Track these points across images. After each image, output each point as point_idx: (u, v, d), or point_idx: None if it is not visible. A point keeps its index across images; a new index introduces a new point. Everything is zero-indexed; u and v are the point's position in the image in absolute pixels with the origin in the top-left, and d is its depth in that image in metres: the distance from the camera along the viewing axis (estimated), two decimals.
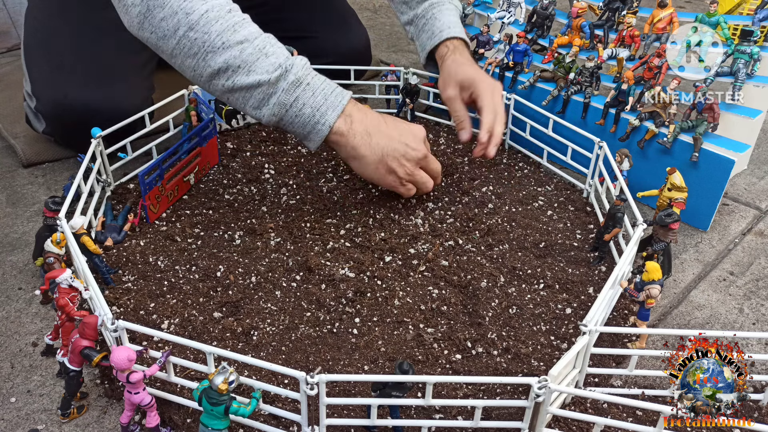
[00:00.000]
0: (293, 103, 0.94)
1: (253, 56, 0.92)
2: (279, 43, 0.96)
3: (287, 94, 0.93)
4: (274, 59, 0.93)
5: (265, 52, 0.92)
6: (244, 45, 0.91)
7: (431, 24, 1.19)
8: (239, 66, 0.92)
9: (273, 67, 0.92)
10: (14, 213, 1.15)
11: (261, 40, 0.93)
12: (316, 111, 0.95)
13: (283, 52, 0.95)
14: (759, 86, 1.11)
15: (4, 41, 1.88)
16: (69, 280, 0.78)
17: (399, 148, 1.01)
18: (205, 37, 0.91)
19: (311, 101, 0.94)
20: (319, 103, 0.95)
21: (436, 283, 0.96)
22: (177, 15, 0.90)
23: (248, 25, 0.94)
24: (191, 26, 0.91)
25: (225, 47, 0.91)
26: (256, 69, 0.92)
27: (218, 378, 0.68)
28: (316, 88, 0.95)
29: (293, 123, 0.97)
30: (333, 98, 0.96)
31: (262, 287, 0.95)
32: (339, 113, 0.96)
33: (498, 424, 0.73)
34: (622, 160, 1.07)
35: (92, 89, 1.18)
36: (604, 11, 1.30)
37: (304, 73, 0.94)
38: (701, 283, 1.02)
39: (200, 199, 1.15)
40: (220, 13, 0.91)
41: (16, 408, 0.80)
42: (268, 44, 0.94)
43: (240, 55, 0.91)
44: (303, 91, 0.94)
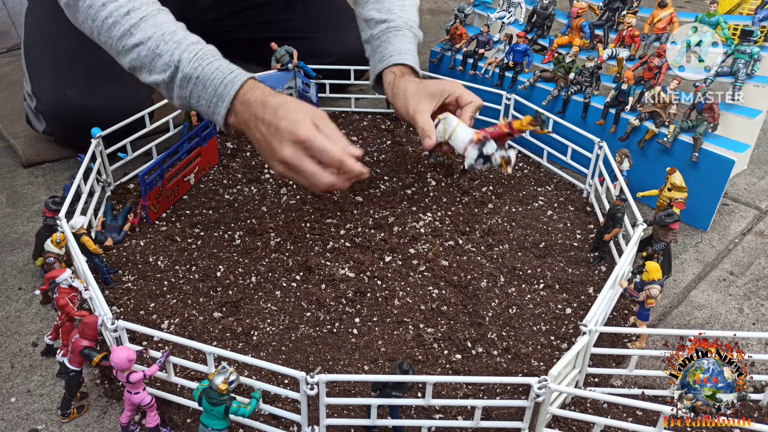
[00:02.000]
0: (190, 97, 0.97)
1: (149, 58, 0.96)
2: (175, 37, 0.96)
3: (182, 90, 0.96)
4: (167, 58, 0.95)
5: (158, 53, 0.95)
6: (139, 48, 0.96)
7: (383, 47, 1.18)
8: (141, 67, 0.98)
9: (165, 66, 0.96)
10: (14, 213, 1.15)
11: (154, 40, 0.96)
12: (209, 103, 0.96)
13: (176, 48, 0.95)
14: (759, 86, 1.11)
15: (4, 41, 1.88)
16: (69, 280, 0.78)
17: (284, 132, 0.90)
18: (110, 41, 0.98)
19: (204, 94, 0.95)
20: (210, 96, 0.95)
21: (436, 283, 0.96)
22: (87, 20, 0.99)
23: (144, 25, 0.96)
24: (99, 31, 0.98)
25: (126, 50, 0.97)
26: (154, 69, 0.96)
27: (218, 378, 0.68)
28: (207, 80, 0.95)
29: (201, 112, 0.99)
30: (222, 89, 0.95)
31: (262, 287, 0.95)
32: (228, 104, 0.95)
33: (498, 424, 0.73)
34: (622, 160, 1.07)
35: (92, 89, 1.18)
36: (604, 11, 1.30)
37: (191, 68, 0.95)
38: (701, 283, 1.02)
39: (200, 199, 1.15)
40: (117, 18, 0.96)
41: (16, 408, 0.80)
42: (162, 42, 0.96)
43: (138, 57, 0.97)
44: (194, 86, 0.95)
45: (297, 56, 1.34)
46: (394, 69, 1.14)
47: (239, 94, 0.93)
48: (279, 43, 1.35)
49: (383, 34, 1.18)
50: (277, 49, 1.35)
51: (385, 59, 1.16)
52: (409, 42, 1.18)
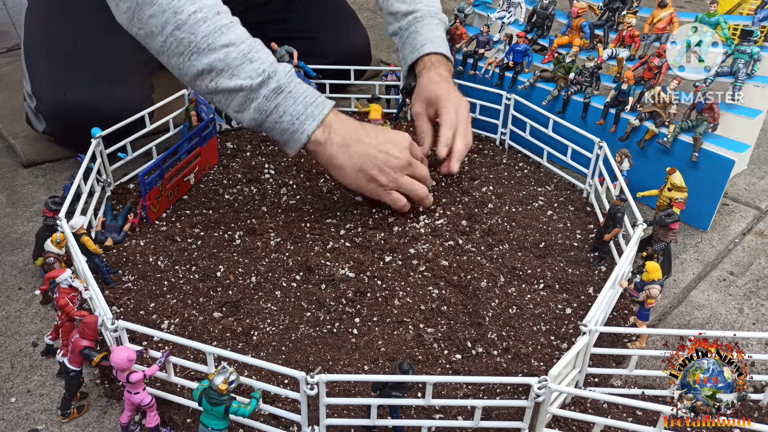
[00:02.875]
0: (273, 110, 0.95)
1: (237, 60, 0.92)
2: (265, 49, 0.97)
3: (268, 101, 0.94)
4: (258, 65, 0.93)
5: (250, 57, 0.93)
6: (229, 48, 0.92)
7: (413, 38, 1.20)
8: (223, 69, 0.92)
9: (256, 72, 0.93)
10: (14, 213, 1.15)
11: (247, 44, 0.94)
12: (295, 120, 0.95)
13: (269, 58, 0.95)
14: (759, 86, 1.11)
15: (4, 41, 1.88)
16: (69, 280, 0.78)
17: (379, 156, 1.00)
18: (191, 37, 0.91)
19: (291, 109, 0.95)
20: (299, 112, 0.95)
21: (436, 283, 0.96)
22: (165, 13, 0.91)
23: (235, 28, 0.94)
24: (178, 25, 0.91)
25: (210, 49, 0.92)
26: (240, 73, 0.93)
27: (218, 378, 0.68)
28: (298, 96, 0.95)
29: (273, 129, 0.97)
30: (313, 108, 0.96)
31: (262, 287, 0.95)
32: (318, 123, 0.96)
33: (498, 424, 0.73)
34: (622, 160, 1.07)
35: (92, 89, 1.18)
36: (604, 11, 1.30)
37: (286, 81, 0.95)
38: (701, 283, 1.02)
39: (200, 199, 1.15)
40: (207, 15, 0.92)
41: (16, 408, 0.80)
42: (254, 49, 0.94)
43: (225, 58, 0.92)
44: (284, 99, 0.94)
45: (297, 56, 1.34)
46: (425, 59, 1.17)
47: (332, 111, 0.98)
48: (279, 43, 1.35)
49: (411, 24, 1.20)
50: (277, 49, 1.34)
51: (416, 50, 1.18)
52: (438, 30, 1.21)
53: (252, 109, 0.95)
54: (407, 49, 1.21)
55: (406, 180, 1.04)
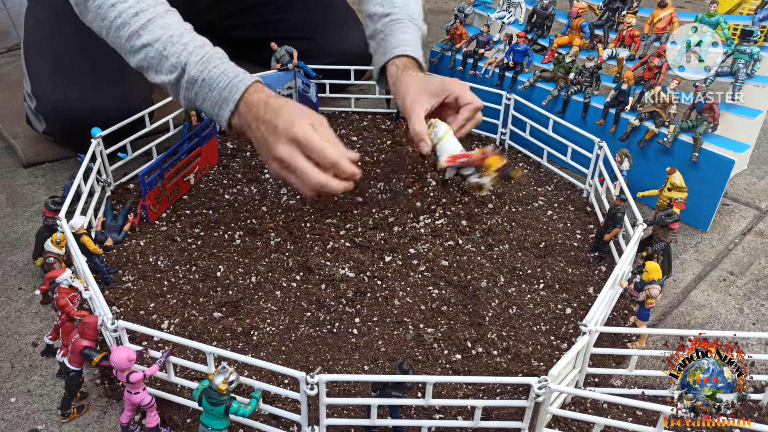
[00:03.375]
0: (195, 98, 0.98)
1: (156, 59, 0.97)
2: (182, 39, 0.97)
3: (188, 92, 0.98)
4: (174, 59, 0.96)
5: (165, 54, 0.97)
6: (147, 49, 0.97)
7: (386, 40, 1.16)
8: (149, 67, 0.99)
9: (172, 68, 0.97)
10: (14, 213, 1.15)
11: (162, 41, 0.97)
12: (214, 105, 0.97)
13: (183, 50, 0.96)
14: (759, 86, 1.11)
15: (4, 41, 1.88)
16: (69, 280, 0.78)
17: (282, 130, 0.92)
18: (119, 41, 0.99)
19: (209, 96, 0.97)
20: (215, 99, 0.97)
21: (436, 283, 0.96)
22: (97, 20, 1.00)
23: (152, 26, 0.97)
24: (108, 31, 0.99)
25: (133, 51, 0.98)
26: (161, 70, 0.98)
27: (218, 378, 0.68)
28: (212, 82, 0.96)
29: (206, 113, 1.01)
30: (226, 93, 0.96)
31: (262, 287, 0.95)
32: (232, 109, 0.96)
33: (498, 424, 0.73)
34: (622, 160, 1.07)
35: (92, 89, 1.18)
36: (604, 11, 1.30)
37: (198, 70, 0.96)
38: (701, 283, 1.02)
39: (200, 199, 1.15)
40: (126, 19, 0.97)
41: (16, 408, 0.80)
42: (169, 44, 0.97)
43: (146, 58, 0.98)
44: (200, 88, 0.97)
45: (297, 56, 1.34)
46: (396, 61, 1.13)
47: (243, 97, 0.95)
48: (279, 43, 1.35)
49: (386, 27, 1.17)
50: (277, 49, 1.35)
51: (388, 52, 1.14)
52: (412, 33, 1.17)
53: (181, 98, 1.00)
54: (380, 52, 1.17)
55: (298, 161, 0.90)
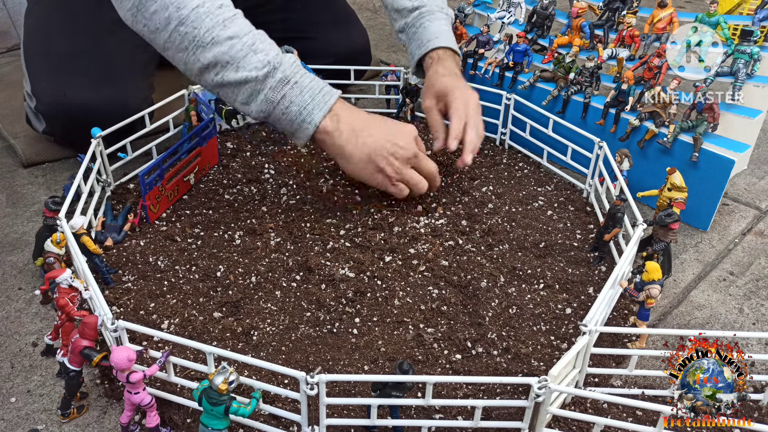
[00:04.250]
0: (280, 101, 0.95)
1: (242, 53, 0.92)
2: (269, 40, 0.96)
3: (274, 92, 0.94)
4: (263, 56, 0.93)
5: (254, 49, 0.93)
6: (233, 41, 0.92)
7: (420, 33, 1.19)
8: (228, 62, 0.93)
9: (261, 63, 0.93)
10: (14, 213, 1.15)
11: (250, 36, 0.94)
12: (302, 109, 0.95)
13: (273, 49, 0.95)
14: (759, 86, 1.11)
15: (4, 41, 1.88)
16: (69, 280, 0.78)
17: (387, 146, 1.00)
18: (195, 32, 0.91)
19: (298, 99, 0.95)
20: (306, 102, 0.95)
21: (436, 283, 0.96)
22: (168, 9, 0.91)
23: (239, 20, 0.94)
24: (182, 21, 0.91)
25: (214, 43, 0.92)
26: (245, 65, 0.93)
27: (218, 378, 0.68)
28: (304, 86, 0.95)
29: (280, 120, 0.97)
30: (320, 97, 0.96)
31: (262, 287, 0.95)
32: (325, 112, 0.96)
33: (498, 424, 0.73)
34: (622, 160, 1.07)
35: (92, 89, 1.18)
36: (604, 11, 1.30)
37: (292, 71, 0.95)
38: (701, 283, 1.02)
39: (200, 199, 1.15)
40: (210, 9, 0.92)
41: (16, 408, 0.80)
42: (258, 41, 0.94)
43: (229, 51, 0.92)
44: (290, 89, 0.94)
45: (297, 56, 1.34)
46: (432, 54, 1.16)
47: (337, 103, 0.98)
48: (279, 43, 1.34)
49: (417, 20, 1.20)
50: None
51: (423, 45, 1.18)
52: (444, 24, 1.20)
53: (259, 100, 0.95)
54: (414, 45, 1.21)
55: (410, 173, 1.04)
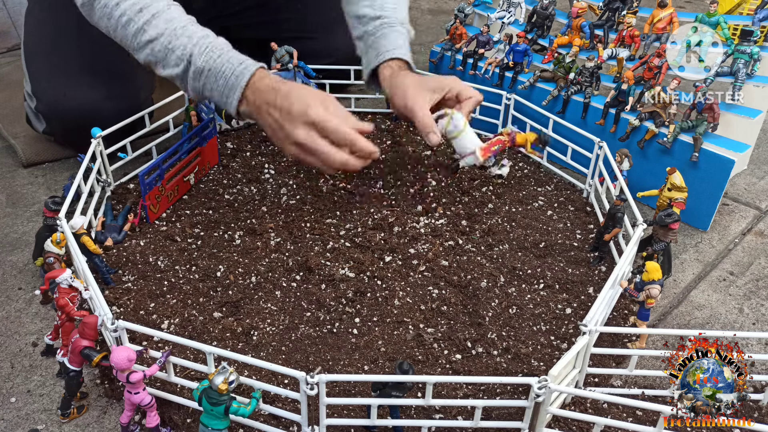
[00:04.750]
0: (203, 89, 0.99)
1: (162, 53, 0.98)
2: (186, 32, 0.98)
3: (196, 82, 0.99)
4: (180, 52, 0.97)
5: (171, 48, 0.97)
6: (153, 44, 0.98)
7: (379, 42, 1.18)
8: (156, 62, 1.00)
9: (179, 60, 0.98)
10: (14, 213, 1.15)
11: (167, 35, 0.98)
12: (221, 94, 0.98)
13: (188, 42, 0.98)
14: (759, 86, 1.11)
15: (4, 41, 1.88)
16: (69, 280, 0.78)
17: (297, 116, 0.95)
18: (126, 39, 1.00)
19: (215, 86, 0.98)
20: (222, 87, 0.97)
21: (436, 283, 0.96)
22: (103, 19, 1.00)
23: (156, 20, 0.98)
24: (115, 29, 1.00)
25: (140, 47, 0.99)
26: (168, 63, 0.99)
27: (218, 378, 0.68)
28: (218, 72, 0.97)
29: (215, 102, 1.01)
30: (233, 80, 0.97)
31: (262, 287, 0.95)
32: (239, 96, 0.97)
33: (498, 424, 0.73)
34: (622, 160, 1.07)
35: (92, 89, 1.18)
36: (604, 11, 1.30)
37: (203, 61, 0.97)
38: (701, 283, 1.02)
39: (200, 199, 1.15)
40: (130, 16, 0.98)
41: (16, 408, 0.80)
42: (173, 37, 0.97)
43: (152, 53, 0.99)
44: (207, 78, 0.98)
45: (297, 56, 1.34)
46: (391, 63, 1.14)
47: (249, 83, 0.96)
48: (279, 43, 1.35)
49: (378, 29, 1.18)
50: (277, 49, 1.34)
51: (381, 54, 1.15)
52: (404, 38, 1.18)
53: (190, 89, 1.00)
54: (372, 53, 1.17)
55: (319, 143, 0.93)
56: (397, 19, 1.19)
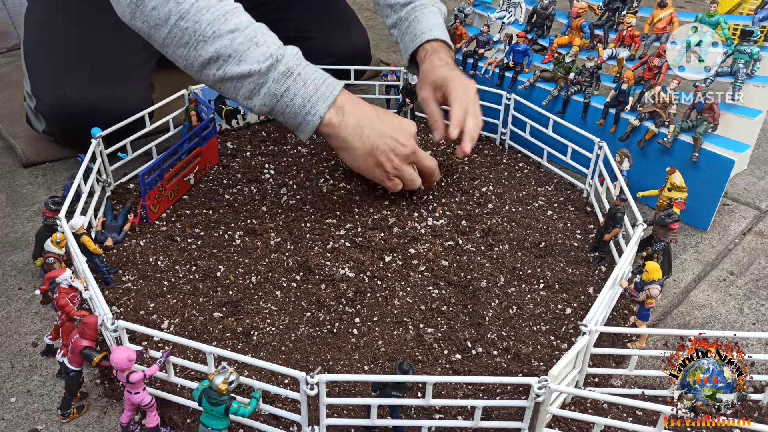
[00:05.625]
0: (284, 94, 0.94)
1: (244, 45, 0.91)
2: (271, 33, 0.96)
3: (278, 84, 0.93)
4: (266, 48, 0.92)
5: (256, 42, 0.91)
6: (234, 34, 0.91)
7: (413, 27, 1.19)
8: (230, 55, 0.91)
9: (264, 56, 0.91)
10: (14, 213, 1.15)
11: (252, 29, 0.93)
12: (306, 102, 0.94)
13: (275, 41, 0.94)
14: (759, 86, 1.11)
15: (4, 41, 1.88)
16: (69, 280, 0.78)
17: (389, 142, 1.01)
18: (195, 26, 0.90)
19: (302, 92, 0.94)
20: (310, 94, 0.94)
21: (436, 283, 0.96)
22: (168, 4, 0.90)
23: (240, 14, 0.93)
24: (182, 15, 0.90)
25: (216, 36, 0.90)
26: (247, 59, 0.91)
27: (218, 378, 0.68)
28: (307, 78, 0.94)
29: (284, 113, 0.96)
30: (324, 89, 0.95)
31: (262, 287, 0.95)
32: (329, 104, 0.95)
33: (498, 424, 0.73)
34: (622, 160, 1.07)
35: (92, 89, 1.18)
36: (604, 11, 1.30)
37: (295, 63, 0.94)
38: (701, 283, 1.02)
39: (200, 199, 1.15)
40: (210, 2, 0.91)
41: (16, 408, 0.80)
42: (260, 33, 0.93)
43: (231, 44, 0.91)
44: (294, 82, 0.93)
45: None
46: (426, 46, 1.16)
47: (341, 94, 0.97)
48: None
49: (410, 14, 1.20)
50: None
51: (417, 37, 1.18)
52: (437, 17, 1.21)
53: (262, 93, 0.93)
54: (407, 38, 1.20)
55: (407, 170, 1.05)
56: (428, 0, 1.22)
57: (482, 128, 1.13)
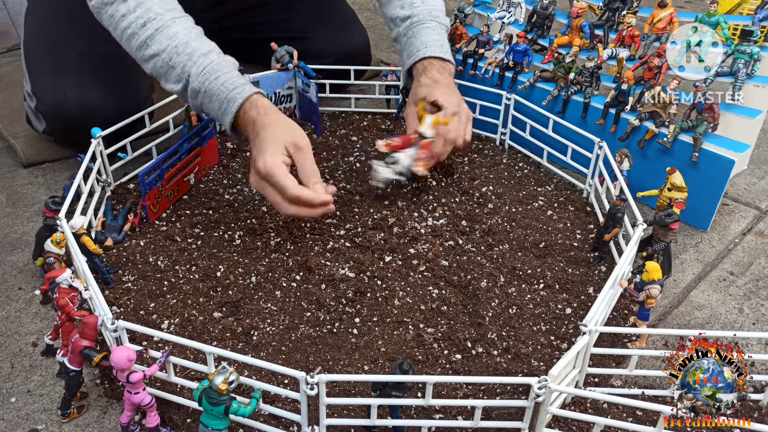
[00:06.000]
0: (201, 107, 1.03)
1: (163, 69, 1.01)
2: (187, 49, 1.00)
3: (194, 100, 1.02)
4: (179, 70, 1.00)
5: (171, 65, 1.00)
6: (155, 59, 1.01)
7: (409, 44, 1.20)
8: (159, 75, 1.03)
9: (178, 78, 1.01)
10: (14, 213, 1.15)
11: (168, 52, 1.00)
12: (217, 115, 1.02)
13: (187, 60, 1.00)
14: (759, 86, 1.11)
15: (4, 41, 1.88)
16: (69, 280, 0.78)
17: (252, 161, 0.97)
18: (131, 50, 1.04)
19: (210, 107, 1.01)
20: (216, 109, 1.00)
21: (436, 283, 0.96)
22: (110, 28, 1.04)
23: (159, 35, 1.00)
24: (121, 39, 1.04)
25: (144, 60, 1.03)
26: (169, 79, 1.02)
27: (218, 378, 0.68)
28: (213, 94, 0.99)
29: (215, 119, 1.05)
30: (225, 105, 0.99)
31: (262, 287, 0.96)
32: (231, 119, 0.99)
33: (498, 424, 0.73)
34: (622, 160, 1.07)
35: (92, 89, 1.18)
36: (604, 11, 1.30)
37: (199, 82, 0.99)
38: (701, 283, 1.02)
39: (200, 199, 1.15)
40: (135, 29, 1.01)
41: (16, 408, 0.80)
42: (174, 54, 1.00)
43: (155, 68, 1.02)
44: (202, 98, 1.01)
45: (297, 56, 1.34)
46: (417, 65, 1.17)
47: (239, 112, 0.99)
48: (279, 43, 1.35)
49: (408, 29, 1.20)
50: (277, 49, 1.34)
51: (411, 56, 1.19)
52: (434, 33, 1.20)
53: (192, 105, 1.04)
54: (405, 55, 1.22)
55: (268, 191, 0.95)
56: (428, 13, 1.22)
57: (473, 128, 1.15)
